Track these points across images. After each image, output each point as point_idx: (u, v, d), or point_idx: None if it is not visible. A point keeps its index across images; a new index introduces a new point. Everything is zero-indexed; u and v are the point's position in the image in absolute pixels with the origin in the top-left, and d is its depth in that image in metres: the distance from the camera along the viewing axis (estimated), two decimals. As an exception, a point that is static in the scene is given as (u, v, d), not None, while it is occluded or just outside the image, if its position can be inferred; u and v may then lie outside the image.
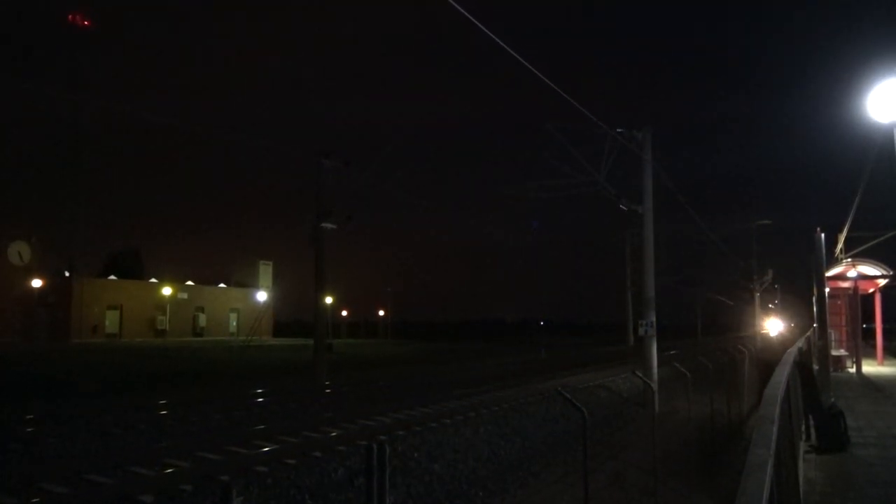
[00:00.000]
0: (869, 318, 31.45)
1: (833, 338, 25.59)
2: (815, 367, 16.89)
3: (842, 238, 22.12)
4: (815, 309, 20.63)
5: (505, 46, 6.78)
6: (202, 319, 60.36)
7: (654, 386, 13.01)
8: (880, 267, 25.43)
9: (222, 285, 64.82)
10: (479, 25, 6.24)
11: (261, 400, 15.89)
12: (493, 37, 6.53)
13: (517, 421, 12.41)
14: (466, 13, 6.03)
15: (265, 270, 66.61)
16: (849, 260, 24.07)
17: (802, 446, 10.02)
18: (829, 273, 23.32)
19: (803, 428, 10.99)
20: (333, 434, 11.58)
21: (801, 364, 12.05)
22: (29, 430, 11.21)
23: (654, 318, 16.32)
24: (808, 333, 27.89)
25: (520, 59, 7.17)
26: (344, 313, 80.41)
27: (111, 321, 53.08)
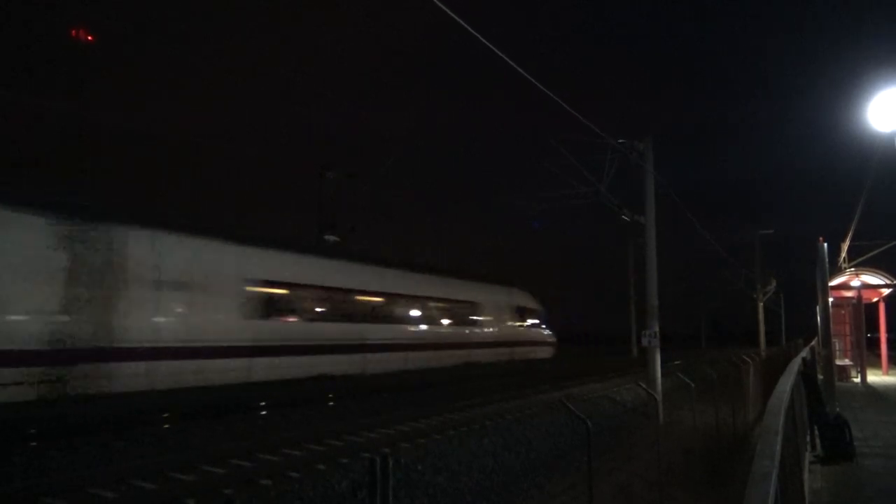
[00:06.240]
0: (873, 327, 31.38)
1: (837, 347, 25.54)
2: (820, 376, 16.84)
3: (845, 247, 22.14)
4: (818, 318, 20.59)
5: (508, 60, 6.82)
6: (205, 332, 60.24)
7: (658, 396, 12.97)
8: (884, 276, 25.43)
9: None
10: (482, 39, 6.28)
11: (264, 413, 15.87)
12: (496, 50, 6.58)
13: (521, 432, 12.37)
14: (468, 27, 6.08)
15: (268, 283, 66.52)
16: (852, 269, 24.07)
17: (807, 457, 9.97)
18: (833, 282, 23.31)
19: (808, 438, 10.94)
20: (337, 446, 11.57)
21: (806, 374, 12.01)
22: (32, 444, 11.20)
23: (657, 328, 16.29)
24: (812, 343, 27.82)
25: (522, 72, 7.21)
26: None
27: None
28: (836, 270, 23.28)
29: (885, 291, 27.35)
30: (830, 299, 20.62)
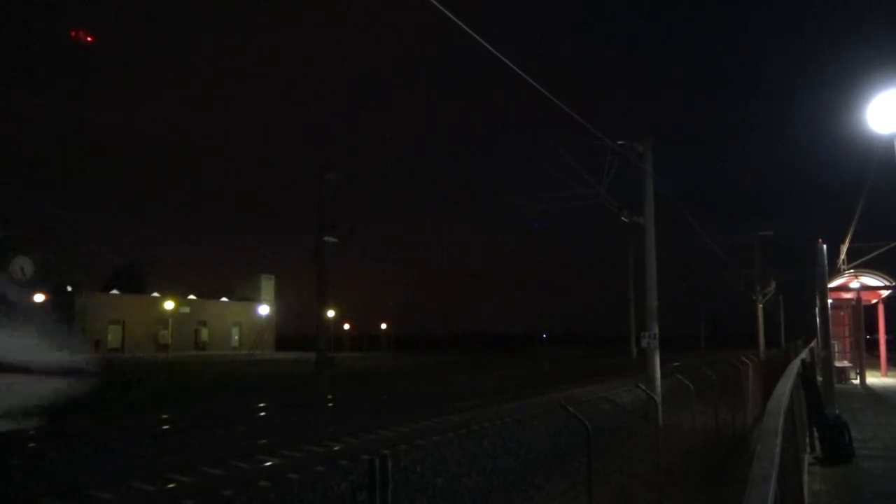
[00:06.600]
0: (872, 329, 31.38)
1: (836, 349, 25.53)
2: (819, 378, 16.84)
3: (844, 249, 22.12)
4: (818, 320, 20.60)
5: (507, 62, 6.82)
6: (204, 333, 60.41)
7: (658, 398, 12.95)
8: (883, 278, 25.42)
9: (224, 299, 64.82)
10: (481, 40, 6.28)
11: (263, 414, 15.87)
12: (495, 52, 6.58)
13: (521, 433, 12.36)
14: (468, 28, 6.08)
15: (267, 284, 66.69)
16: (851, 271, 24.06)
17: (807, 458, 9.96)
18: (832, 284, 23.29)
19: (807, 440, 10.94)
20: (336, 448, 11.55)
21: (805, 375, 12.01)
22: (31, 445, 11.20)
23: (656, 330, 16.27)
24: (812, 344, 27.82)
25: (522, 73, 7.21)
26: (346, 327, 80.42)
27: (113, 336, 53.08)
28: (836, 272, 23.27)
29: (885, 293, 27.34)
30: (830, 301, 20.64)
